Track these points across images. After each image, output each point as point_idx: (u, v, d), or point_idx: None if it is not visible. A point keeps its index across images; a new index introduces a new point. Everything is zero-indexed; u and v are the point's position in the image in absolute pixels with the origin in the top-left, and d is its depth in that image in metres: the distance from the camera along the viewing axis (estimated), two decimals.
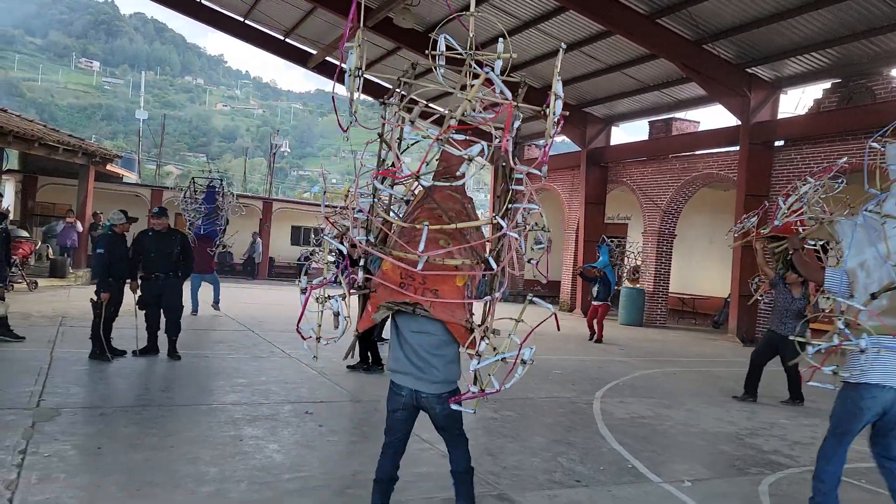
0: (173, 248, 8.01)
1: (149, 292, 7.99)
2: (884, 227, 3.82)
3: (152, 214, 8.21)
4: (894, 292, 3.69)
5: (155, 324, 8.11)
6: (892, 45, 12.17)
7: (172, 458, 4.60)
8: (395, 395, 3.62)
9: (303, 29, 19.17)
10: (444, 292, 3.32)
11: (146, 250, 7.95)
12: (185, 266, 8.24)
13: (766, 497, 4.72)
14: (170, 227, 8.31)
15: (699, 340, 14.92)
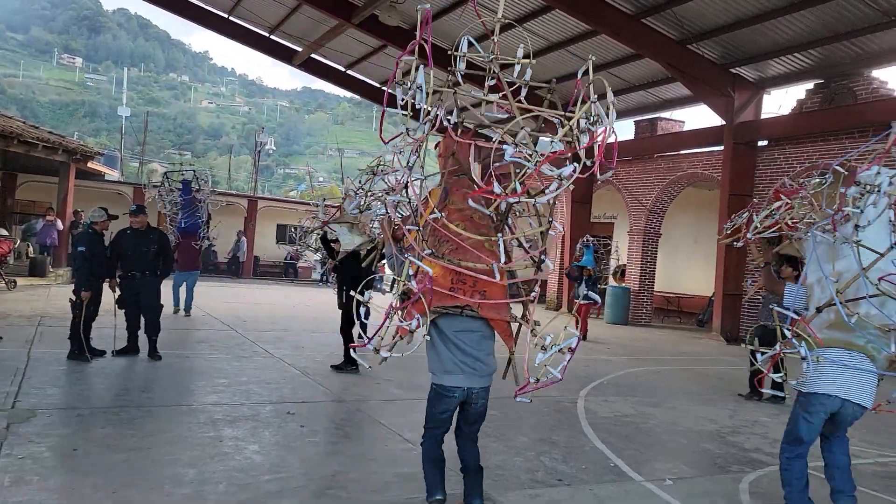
0: (151, 246, 7.92)
1: (127, 291, 7.89)
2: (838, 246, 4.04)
3: (130, 213, 8.11)
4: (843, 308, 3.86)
5: (135, 323, 8.02)
6: (873, 47, 12.29)
7: (150, 460, 4.54)
8: (446, 397, 3.76)
9: (288, 26, 19.05)
10: (492, 294, 3.65)
11: (124, 249, 7.85)
12: (164, 265, 8.14)
13: (746, 495, 4.73)
14: (149, 225, 8.21)
15: (684, 339, 14.99)
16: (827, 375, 4.00)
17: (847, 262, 4.00)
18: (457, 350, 3.70)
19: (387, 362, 3.80)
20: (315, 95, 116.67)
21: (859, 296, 3.89)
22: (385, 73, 20.48)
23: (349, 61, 20.51)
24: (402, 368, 8.22)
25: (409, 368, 8.41)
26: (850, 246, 3.90)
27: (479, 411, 3.90)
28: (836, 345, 3.98)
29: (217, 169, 70.13)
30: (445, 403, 3.79)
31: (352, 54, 19.84)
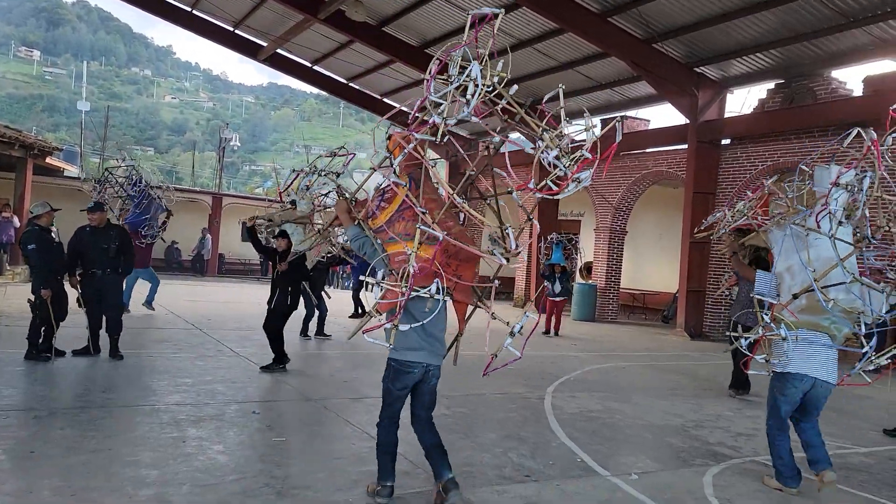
0: (111, 244, 7.74)
1: (88, 289, 7.70)
2: (808, 238, 4.61)
3: (87, 209, 7.90)
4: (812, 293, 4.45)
5: (96, 323, 7.83)
6: (832, 48, 12.59)
7: (111, 461, 4.43)
8: (406, 373, 4.09)
9: (253, 20, 18.77)
10: (467, 277, 4.06)
11: (83, 246, 7.66)
12: (126, 263, 7.97)
13: (710, 487, 4.81)
14: (109, 222, 8.02)
15: (649, 335, 15.20)
16: (799, 355, 4.61)
17: (816, 252, 4.55)
18: (421, 330, 3.98)
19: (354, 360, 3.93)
20: (281, 91, 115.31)
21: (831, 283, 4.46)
22: (352, 69, 20.35)
23: (315, 57, 20.31)
24: (367, 367, 8.18)
25: (375, 367, 8.37)
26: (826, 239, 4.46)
27: (432, 389, 4.25)
28: (806, 327, 4.59)
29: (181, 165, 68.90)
30: (405, 379, 4.10)
31: (318, 50, 19.65)
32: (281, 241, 7.73)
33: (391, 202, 4.05)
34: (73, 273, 7.72)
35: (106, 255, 7.70)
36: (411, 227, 3.95)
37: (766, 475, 5.04)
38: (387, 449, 4.18)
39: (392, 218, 4.06)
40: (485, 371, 4.18)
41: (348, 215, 4.43)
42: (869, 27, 11.52)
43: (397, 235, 4.00)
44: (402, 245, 3.94)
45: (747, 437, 6.38)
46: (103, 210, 8.06)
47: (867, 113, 12.22)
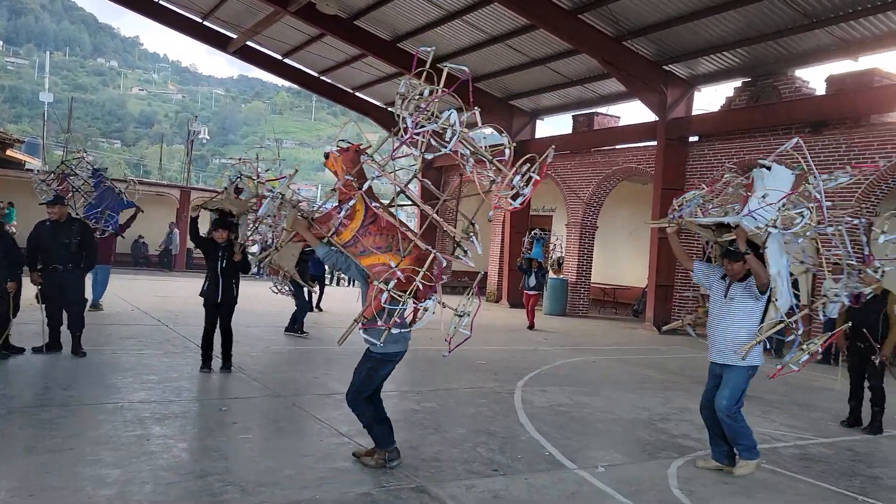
0: (72, 238, 7.56)
1: (48, 285, 7.53)
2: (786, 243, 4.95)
3: (47, 203, 7.71)
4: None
5: (57, 319, 7.66)
6: (796, 47, 12.82)
7: (72, 461, 4.35)
8: (390, 363, 4.69)
9: (222, 11, 18.46)
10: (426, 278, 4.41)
11: (43, 241, 7.48)
12: (87, 258, 7.79)
13: (675, 479, 4.89)
14: (70, 216, 7.84)
15: (618, 329, 15.37)
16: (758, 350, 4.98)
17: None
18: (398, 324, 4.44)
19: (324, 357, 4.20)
20: (252, 84, 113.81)
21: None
22: (323, 62, 20.18)
23: (286, 50, 20.08)
24: (339, 363, 8.13)
25: (346, 363, 8.33)
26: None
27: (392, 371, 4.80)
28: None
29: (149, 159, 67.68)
30: (387, 368, 4.69)
31: (289, 42, 19.42)
32: (222, 233, 7.25)
33: (353, 219, 4.41)
34: (34, 268, 7.53)
35: (67, 251, 7.52)
36: (380, 240, 4.43)
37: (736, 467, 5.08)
38: (375, 420, 4.67)
39: (357, 234, 4.42)
40: (449, 350, 4.41)
41: (312, 234, 4.65)
42: (831, 28, 11.76)
43: (369, 249, 4.41)
44: (377, 257, 4.40)
45: None
46: (63, 203, 7.87)
47: (830, 111, 12.51)
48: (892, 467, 5.68)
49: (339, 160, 4.52)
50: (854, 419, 7.02)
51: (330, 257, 4.61)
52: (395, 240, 4.48)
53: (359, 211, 4.42)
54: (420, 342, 10.67)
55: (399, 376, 8.19)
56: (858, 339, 6.85)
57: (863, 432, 6.79)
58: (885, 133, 11.75)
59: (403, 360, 4.80)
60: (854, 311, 6.94)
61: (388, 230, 4.49)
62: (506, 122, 19.17)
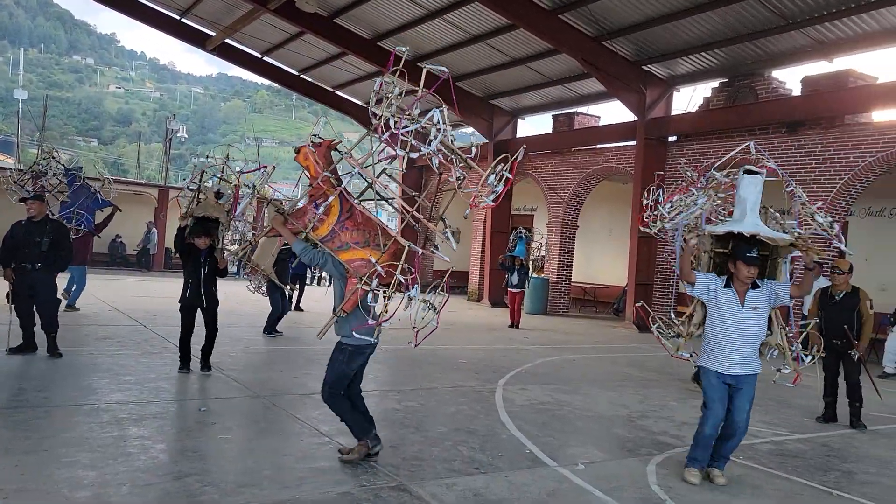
0: (44, 237, 7.43)
1: (19, 284, 7.41)
2: None
3: (27, 198, 7.60)
4: None
5: (28, 319, 7.52)
6: (772, 48, 12.99)
7: (47, 463, 4.28)
8: (362, 354, 4.76)
9: (200, 9, 18.29)
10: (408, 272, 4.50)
11: (16, 239, 7.38)
12: (59, 258, 7.66)
13: (654, 476, 4.93)
14: (47, 216, 7.72)
15: (599, 328, 15.47)
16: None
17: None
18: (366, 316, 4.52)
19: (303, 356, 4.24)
20: (231, 82, 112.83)
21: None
22: (303, 60, 20.07)
23: (266, 48, 19.93)
24: (319, 363, 8.09)
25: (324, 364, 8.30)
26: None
27: (365, 364, 4.88)
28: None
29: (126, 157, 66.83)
30: (360, 359, 4.76)
31: (268, 40, 19.28)
32: (204, 240, 7.10)
33: (329, 214, 4.47)
34: (7, 266, 7.41)
35: (38, 250, 7.39)
36: (358, 235, 4.52)
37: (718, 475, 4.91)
38: (350, 411, 4.76)
39: (334, 229, 4.48)
40: (416, 341, 4.43)
41: (288, 229, 4.68)
42: (806, 29, 11.93)
43: (347, 244, 4.49)
44: (355, 252, 4.49)
45: (690, 426, 6.53)
46: (43, 201, 7.75)
47: (805, 112, 12.69)
48: (865, 462, 5.78)
49: (312, 155, 4.55)
50: (829, 415, 7.13)
51: (307, 253, 4.64)
52: (373, 235, 4.54)
53: (335, 206, 4.49)
54: (401, 342, 10.68)
55: (380, 376, 8.19)
56: (834, 337, 6.96)
57: (850, 428, 6.91)
58: (859, 133, 11.95)
59: (385, 359, 4.82)
60: (828, 309, 7.08)
61: (365, 225, 4.56)
62: (487, 122, 19.22)
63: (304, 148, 4.62)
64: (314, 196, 4.53)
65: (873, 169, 11.81)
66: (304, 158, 4.58)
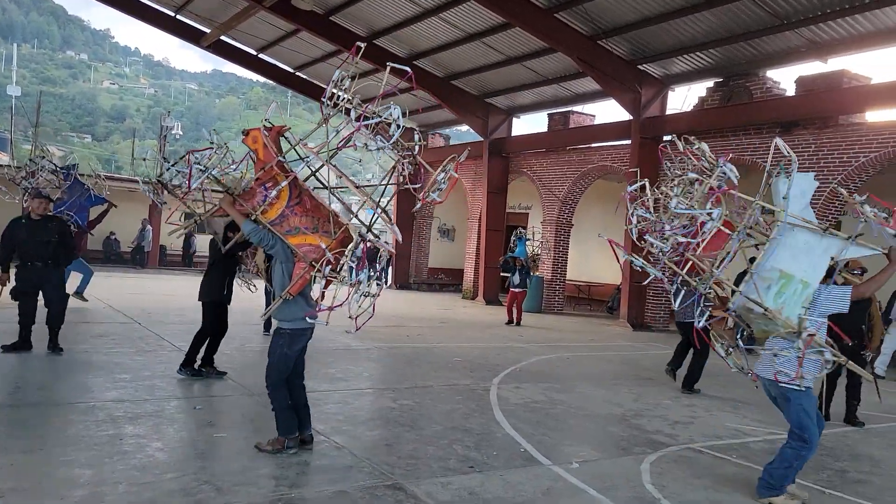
0: (50, 236, 7.43)
1: (25, 282, 7.40)
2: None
3: (30, 195, 7.59)
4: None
5: (31, 317, 7.49)
6: (767, 48, 13.04)
7: (42, 462, 4.28)
8: (302, 336, 4.81)
9: (195, 5, 18.24)
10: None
11: (19, 238, 7.36)
12: (65, 255, 7.68)
13: (648, 475, 4.96)
14: (47, 213, 7.71)
15: (593, 326, 15.52)
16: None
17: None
18: (304, 301, 4.74)
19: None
20: (226, 79, 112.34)
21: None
22: (299, 58, 20.02)
23: (261, 45, 19.89)
24: (315, 360, 8.10)
25: (322, 361, 8.31)
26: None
27: (305, 349, 4.92)
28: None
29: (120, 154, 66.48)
30: (300, 342, 4.81)
31: (264, 38, 19.25)
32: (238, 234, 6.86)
33: (279, 198, 4.57)
34: (7, 266, 7.40)
35: (46, 249, 7.40)
36: (307, 221, 4.62)
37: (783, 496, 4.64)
38: (285, 405, 4.80)
39: (284, 213, 4.58)
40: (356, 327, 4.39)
41: (236, 209, 4.73)
42: (801, 30, 11.98)
43: (296, 228, 4.61)
44: (304, 237, 4.59)
45: (684, 424, 6.60)
46: (46, 198, 7.74)
47: (799, 112, 12.75)
48: (858, 461, 5.83)
49: (263, 139, 4.61)
50: (823, 415, 7.17)
51: (256, 233, 4.70)
52: (323, 222, 4.65)
53: (284, 191, 4.60)
54: (396, 340, 10.70)
55: (375, 374, 8.21)
56: (848, 337, 6.99)
57: (846, 424, 6.97)
58: (853, 133, 12.01)
59: (379, 357, 4.83)
60: None
61: (314, 212, 4.68)
62: (482, 120, 19.24)
63: (253, 131, 4.70)
64: (262, 180, 4.61)
65: (867, 169, 11.88)
66: (254, 141, 4.66)
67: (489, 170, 19.19)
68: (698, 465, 5.32)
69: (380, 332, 11.36)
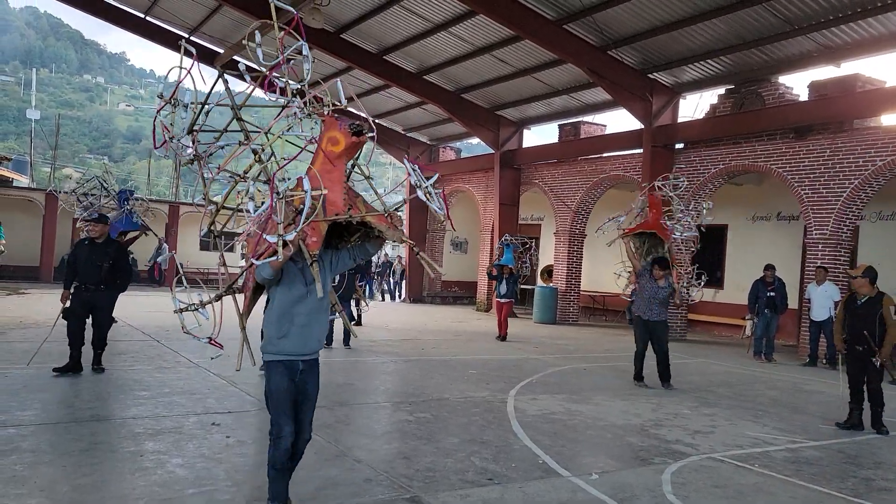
0: (106, 261, 7.54)
1: (78, 303, 7.54)
2: None
3: (90, 220, 7.81)
4: None
5: (79, 339, 7.54)
6: (779, 54, 13.00)
7: (65, 478, 4.32)
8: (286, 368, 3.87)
9: (208, 27, 18.53)
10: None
11: (78, 260, 7.52)
12: (120, 280, 7.80)
13: (669, 485, 4.91)
14: (108, 237, 7.85)
15: (609, 337, 15.42)
16: None
17: None
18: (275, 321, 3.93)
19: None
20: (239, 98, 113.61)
21: None
22: (310, 76, 20.20)
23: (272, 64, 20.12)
24: (335, 373, 8.12)
25: (342, 373, 8.32)
26: None
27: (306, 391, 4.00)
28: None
29: (136, 174, 67.30)
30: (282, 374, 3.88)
31: (276, 56, 19.45)
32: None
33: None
34: (69, 287, 7.56)
35: (99, 272, 7.51)
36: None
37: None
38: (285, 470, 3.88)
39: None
40: (215, 342, 4.14)
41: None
42: (813, 34, 11.94)
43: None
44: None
45: (704, 434, 6.53)
46: (106, 223, 7.88)
47: (813, 117, 12.68)
48: (883, 469, 5.74)
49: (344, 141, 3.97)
50: (854, 422, 7.06)
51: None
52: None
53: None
54: (411, 353, 10.70)
55: (391, 387, 8.21)
56: (857, 343, 6.93)
57: (872, 431, 6.88)
58: (868, 137, 11.92)
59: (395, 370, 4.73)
60: (851, 314, 7.04)
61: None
62: (493, 132, 19.30)
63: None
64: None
65: (883, 173, 11.76)
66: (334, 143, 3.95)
67: (501, 182, 19.22)
68: (720, 475, 5.26)
69: (395, 345, 11.37)
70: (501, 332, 13.30)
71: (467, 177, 21.52)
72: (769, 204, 16.00)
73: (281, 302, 3.78)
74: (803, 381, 10.10)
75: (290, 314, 3.76)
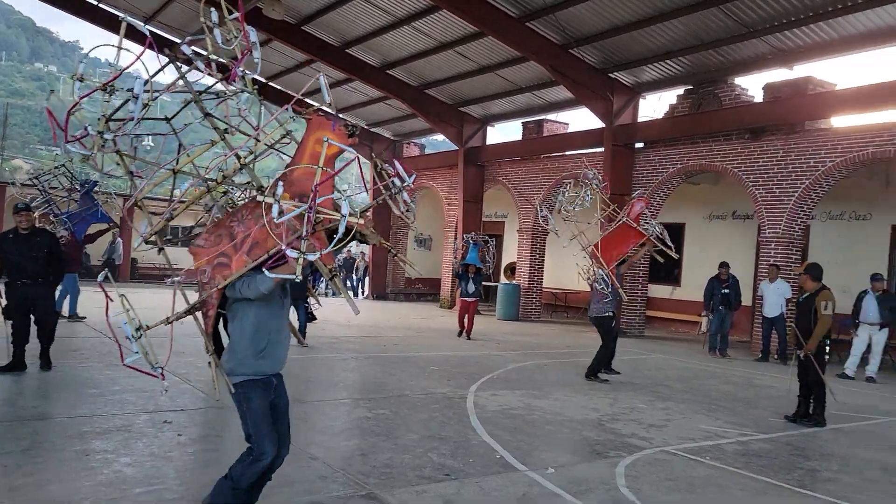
0: (40, 251, 7.22)
1: (16, 299, 7.20)
2: None
3: (15, 210, 7.35)
4: None
5: (23, 337, 7.25)
6: (735, 56, 13.27)
7: (6, 476, 4.16)
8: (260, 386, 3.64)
9: (164, 16, 18.08)
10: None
11: (7, 254, 7.16)
12: (56, 270, 7.49)
13: (623, 478, 4.97)
14: (35, 227, 7.53)
15: (569, 333, 15.57)
16: None
17: None
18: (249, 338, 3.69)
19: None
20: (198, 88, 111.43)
21: None
22: (271, 67, 19.91)
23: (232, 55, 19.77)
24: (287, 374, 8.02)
25: (294, 373, 8.22)
26: None
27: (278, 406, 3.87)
28: None
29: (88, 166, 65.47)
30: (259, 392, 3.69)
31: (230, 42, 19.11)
32: None
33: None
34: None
35: (35, 264, 7.18)
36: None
37: None
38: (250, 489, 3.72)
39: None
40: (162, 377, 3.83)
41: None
42: (767, 37, 12.22)
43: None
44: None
45: (658, 428, 6.64)
46: (31, 210, 7.55)
47: (767, 118, 12.98)
48: (828, 460, 5.90)
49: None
50: (801, 414, 7.25)
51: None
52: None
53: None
54: (372, 349, 10.64)
55: (352, 384, 8.14)
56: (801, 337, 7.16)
57: (805, 425, 7.04)
58: (819, 139, 12.25)
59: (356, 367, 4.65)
60: (796, 310, 7.31)
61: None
62: (457, 129, 19.30)
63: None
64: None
65: (833, 173, 12.11)
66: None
67: (465, 179, 19.24)
68: (672, 468, 5.34)
69: (356, 342, 11.29)
70: (467, 330, 13.20)
71: (431, 173, 21.48)
72: (725, 203, 16.35)
73: (258, 317, 3.53)
74: (756, 376, 10.35)
75: (266, 329, 3.55)
